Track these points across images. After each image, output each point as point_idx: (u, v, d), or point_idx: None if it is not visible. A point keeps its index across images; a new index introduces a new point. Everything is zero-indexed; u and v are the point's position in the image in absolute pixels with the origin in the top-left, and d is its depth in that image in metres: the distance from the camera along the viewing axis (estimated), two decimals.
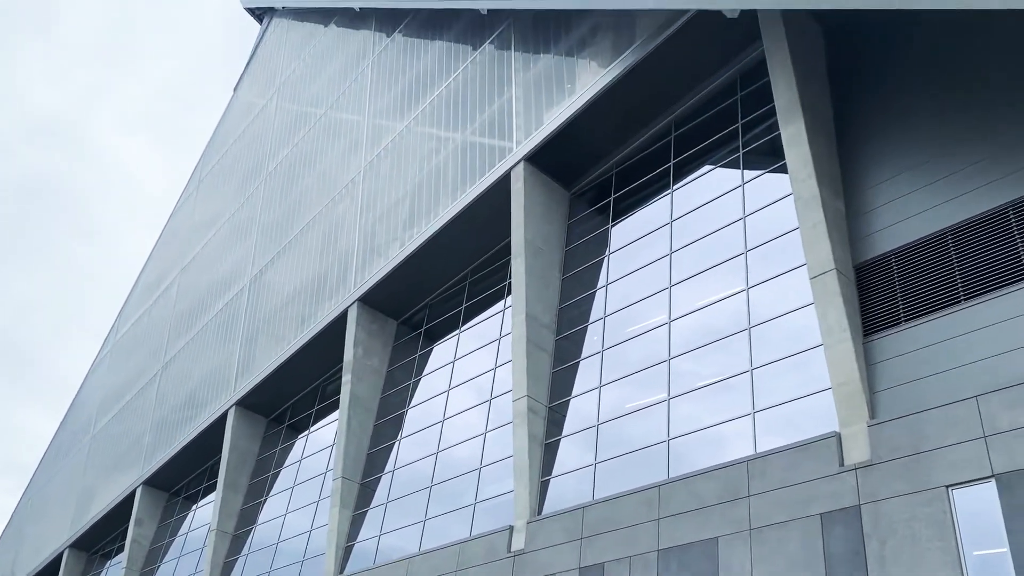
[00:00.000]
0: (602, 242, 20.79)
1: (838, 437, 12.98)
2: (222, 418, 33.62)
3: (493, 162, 22.77)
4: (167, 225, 51.14)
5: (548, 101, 21.49)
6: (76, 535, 45.68)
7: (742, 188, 17.64)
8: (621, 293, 19.39)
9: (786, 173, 16.34)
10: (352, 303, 26.98)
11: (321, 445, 29.13)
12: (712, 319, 16.75)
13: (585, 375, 19.15)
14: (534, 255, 20.78)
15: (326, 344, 28.74)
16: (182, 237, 47.26)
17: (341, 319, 27.52)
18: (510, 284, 22.96)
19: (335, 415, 28.86)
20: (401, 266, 25.41)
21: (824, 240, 14.20)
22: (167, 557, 36.93)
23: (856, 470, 12.44)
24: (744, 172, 17.85)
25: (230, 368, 34.15)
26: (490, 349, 22.91)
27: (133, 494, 40.14)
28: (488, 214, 23.25)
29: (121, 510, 41.80)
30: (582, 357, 19.48)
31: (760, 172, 17.48)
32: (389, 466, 24.51)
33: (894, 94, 15.46)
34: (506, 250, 23.68)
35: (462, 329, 24.65)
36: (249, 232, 37.73)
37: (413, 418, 24.72)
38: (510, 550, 17.76)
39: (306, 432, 30.74)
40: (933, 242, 13.62)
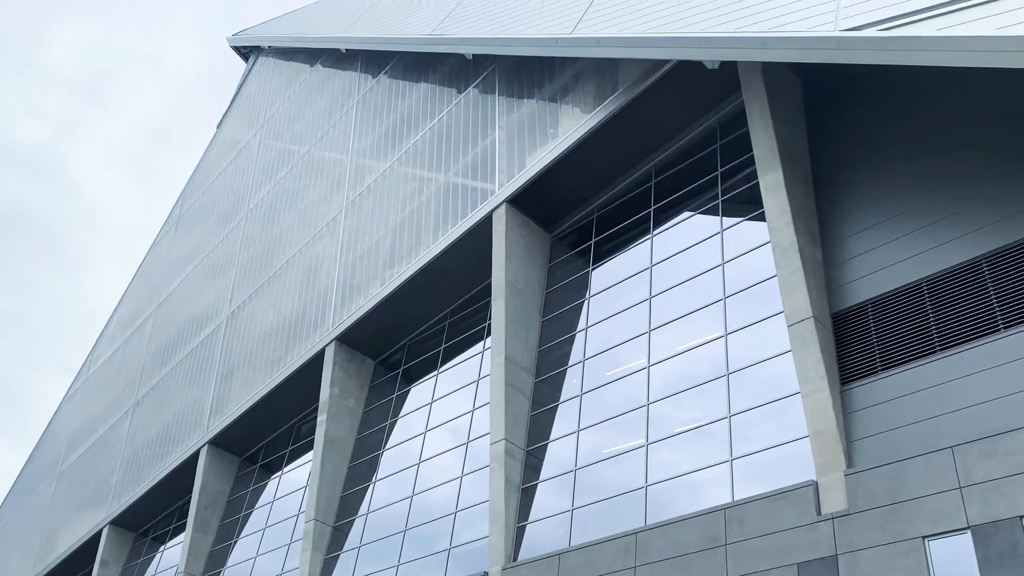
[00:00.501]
0: (582, 285, 20.85)
1: (815, 486, 12.95)
2: (193, 457, 33.04)
3: (475, 203, 22.86)
4: (144, 260, 50.77)
5: (531, 145, 21.68)
6: None
7: (721, 235, 17.80)
8: (601, 336, 19.39)
9: (764, 221, 16.51)
10: (330, 342, 26.77)
11: (294, 486, 28.67)
12: (691, 365, 16.76)
13: (563, 419, 19.05)
14: (515, 297, 20.79)
15: (302, 383, 28.44)
16: (159, 272, 46.89)
17: (318, 358, 27.27)
18: (490, 325, 22.90)
19: (309, 456, 28.45)
20: (380, 305, 25.30)
21: (802, 288, 14.31)
22: None
23: (833, 519, 12.39)
24: (723, 219, 18.03)
25: (204, 406, 33.67)
26: (468, 391, 22.77)
27: (99, 534, 39.19)
28: (469, 255, 23.28)
29: (86, 550, 40.73)
30: (561, 400, 19.39)
31: (739, 219, 17.65)
32: (363, 509, 24.13)
33: (871, 145, 15.74)
34: (486, 291, 23.68)
35: (440, 370, 24.50)
36: (227, 269, 37.50)
37: (388, 460, 24.42)
38: None
39: (279, 472, 30.27)
40: (909, 292, 13.76)
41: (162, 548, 36.35)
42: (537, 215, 22.14)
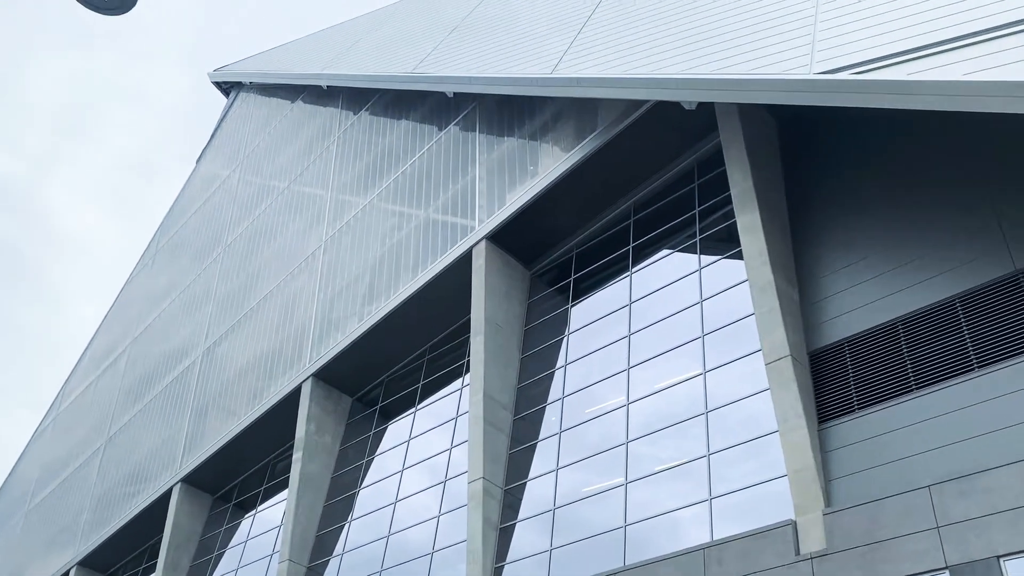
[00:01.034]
0: (561, 322, 20.84)
1: (794, 525, 12.90)
2: (166, 495, 32.41)
3: (455, 239, 22.89)
4: (120, 295, 50.23)
5: (511, 182, 21.80)
6: None
7: (699, 273, 17.91)
8: (580, 374, 19.35)
9: (742, 259, 16.64)
10: (306, 378, 26.51)
11: (268, 525, 28.16)
12: (670, 403, 16.74)
13: (542, 457, 18.91)
14: (494, 333, 20.73)
15: (278, 420, 28.08)
16: (135, 307, 46.38)
17: (294, 395, 26.98)
18: (468, 362, 22.80)
19: (284, 494, 28.00)
20: (358, 342, 25.13)
21: (779, 326, 14.39)
22: None
23: (812, 559, 12.33)
24: (701, 257, 18.15)
25: (177, 443, 33.12)
26: (446, 428, 22.58)
27: (67, 575, 38.22)
28: (448, 291, 23.24)
29: None
30: (539, 438, 19.27)
31: (716, 258, 17.78)
32: (338, 549, 23.73)
33: (847, 185, 15.96)
34: (465, 328, 23.61)
35: (418, 407, 24.31)
36: (204, 304, 37.17)
37: (365, 499, 24.08)
38: None
39: (253, 511, 29.75)
40: (885, 331, 13.87)
41: None
42: (517, 252, 22.19)
